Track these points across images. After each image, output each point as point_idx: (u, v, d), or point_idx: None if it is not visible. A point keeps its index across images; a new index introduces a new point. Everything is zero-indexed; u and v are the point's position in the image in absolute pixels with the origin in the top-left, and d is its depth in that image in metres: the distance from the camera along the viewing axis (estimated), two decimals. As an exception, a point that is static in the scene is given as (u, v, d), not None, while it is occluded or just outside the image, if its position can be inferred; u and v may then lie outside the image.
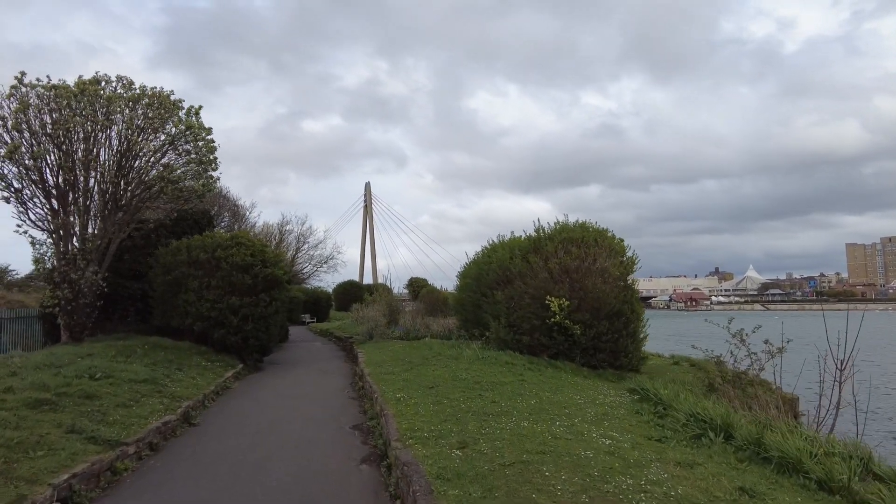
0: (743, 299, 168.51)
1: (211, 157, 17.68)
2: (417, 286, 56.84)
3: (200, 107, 17.22)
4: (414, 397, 8.86)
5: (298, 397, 11.58)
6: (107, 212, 15.60)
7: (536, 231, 16.14)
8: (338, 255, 56.87)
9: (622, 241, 15.99)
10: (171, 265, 15.22)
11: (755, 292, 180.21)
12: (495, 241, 19.12)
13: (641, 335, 15.29)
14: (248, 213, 46.10)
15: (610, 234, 15.70)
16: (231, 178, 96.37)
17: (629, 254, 15.66)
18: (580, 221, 16.10)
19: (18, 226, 14.57)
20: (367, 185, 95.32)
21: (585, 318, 14.07)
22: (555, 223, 16.07)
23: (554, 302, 13.88)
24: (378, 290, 36.50)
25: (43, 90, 14.09)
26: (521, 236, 17.31)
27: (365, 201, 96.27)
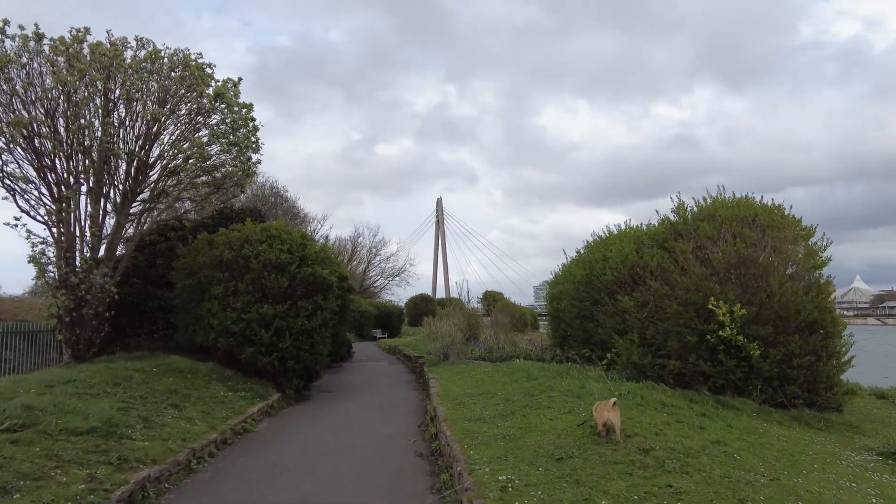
0: (852, 312, 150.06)
1: (251, 140, 14.38)
2: (492, 300, 52.46)
3: (240, 79, 13.98)
4: (535, 485, 4.50)
5: (342, 452, 7.51)
6: (120, 203, 12.50)
7: (677, 211, 11.39)
8: (410, 268, 53.61)
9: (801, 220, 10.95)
10: (192, 267, 11.78)
11: (866, 305, 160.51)
12: (601, 235, 14.50)
13: (844, 357, 10.14)
14: (319, 225, 43.78)
15: (789, 214, 10.70)
16: (310, 201, 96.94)
17: (815, 239, 10.59)
18: (737, 196, 11.20)
19: (17, 218, 11.69)
20: (439, 201, 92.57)
21: (767, 333, 9.20)
22: (701, 199, 11.27)
23: (722, 308, 9.13)
24: (451, 304, 32.53)
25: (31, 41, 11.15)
26: (642, 225, 12.60)
27: (437, 217, 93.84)
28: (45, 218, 11.56)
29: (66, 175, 11.68)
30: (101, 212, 12.28)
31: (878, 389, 15.14)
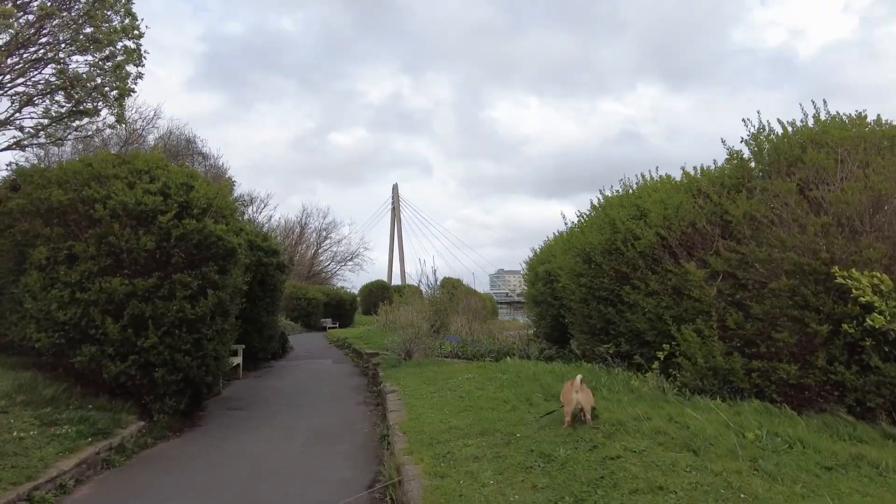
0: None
1: (130, 48, 9.78)
2: (452, 287, 48.69)
3: (108, -48, 9.32)
4: None
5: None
6: None
7: (753, 140, 7.55)
8: (364, 252, 49.01)
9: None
10: (7, 218, 7.20)
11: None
12: (618, 189, 10.62)
13: None
14: (262, 205, 38.64)
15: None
16: (262, 188, 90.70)
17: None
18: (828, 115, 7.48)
19: None
20: (395, 187, 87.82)
21: (940, 320, 5.54)
22: (787, 123, 7.47)
23: (862, 279, 5.41)
24: (410, 292, 28.56)
25: None
26: (695, 169, 8.70)
27: (393, 203, 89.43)
28: None
29: None
30: None
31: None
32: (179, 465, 5.86)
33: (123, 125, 10.23)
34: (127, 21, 9.57)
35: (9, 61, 8.53)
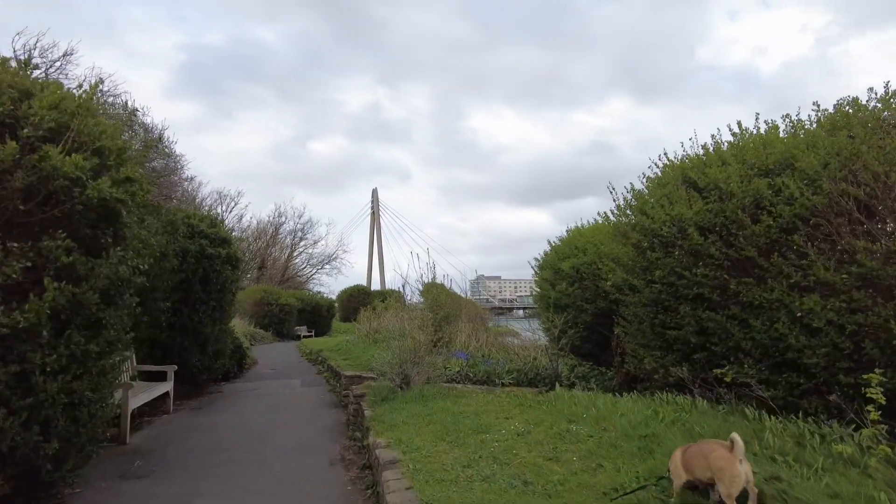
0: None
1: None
2: (436, 291, 45.45)
3: None
4: None
5: None
6: None
7: None
8: (343, 254, 45.47)
9: None
10: None
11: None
12: (710, 142, 7.61)
13: None
14: (232, 203, 34.91)
15: None
16: (237, 189, 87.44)
17: None
18: None
19: None
20: (374, 191, 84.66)
21: None
22: None
23: None
24: (394, 297, 25.30)
25: None
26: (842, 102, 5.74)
27: (372, 208, 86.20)
28: None
29: None
30: None
31: None
32: None
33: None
34: None
35: None
